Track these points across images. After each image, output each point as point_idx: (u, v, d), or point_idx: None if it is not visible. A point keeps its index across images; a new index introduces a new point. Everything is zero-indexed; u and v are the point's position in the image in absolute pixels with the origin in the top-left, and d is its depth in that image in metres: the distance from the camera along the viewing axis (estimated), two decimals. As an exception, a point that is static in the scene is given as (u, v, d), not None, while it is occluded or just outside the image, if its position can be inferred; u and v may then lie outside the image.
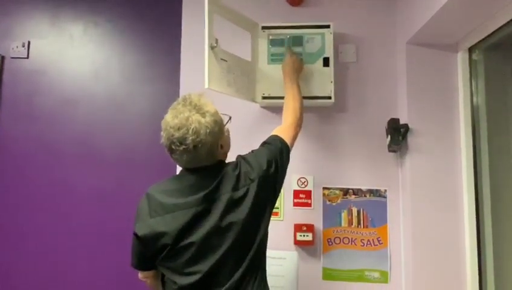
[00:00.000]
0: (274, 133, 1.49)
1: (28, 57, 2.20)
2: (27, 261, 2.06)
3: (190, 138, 1.21)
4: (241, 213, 1.25)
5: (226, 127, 1.39)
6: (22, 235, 2.08)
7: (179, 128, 1.22)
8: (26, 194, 2.11)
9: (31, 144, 2.14)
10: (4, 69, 2.20)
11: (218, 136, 1.29)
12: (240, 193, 1.27)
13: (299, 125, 1.57)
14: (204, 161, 1.28)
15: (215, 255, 1.23)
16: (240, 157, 1.38)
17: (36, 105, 2.17)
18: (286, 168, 1.43)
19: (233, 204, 1.25)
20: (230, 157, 1.41)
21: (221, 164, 1.34)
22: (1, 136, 2.15)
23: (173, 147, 1.24)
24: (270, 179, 1.33)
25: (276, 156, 1.38)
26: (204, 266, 1.22)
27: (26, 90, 2.18)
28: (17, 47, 2.20)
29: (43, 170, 2.12)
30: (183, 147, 1.22)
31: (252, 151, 1.42)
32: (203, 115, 1.24)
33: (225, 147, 1.39)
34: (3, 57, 2.20)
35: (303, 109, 1.62)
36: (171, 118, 1.25)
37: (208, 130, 1.23)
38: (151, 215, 1.26)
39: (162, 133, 1.27)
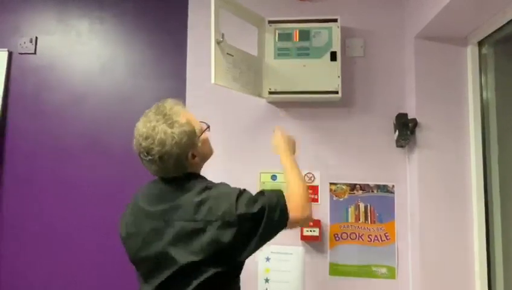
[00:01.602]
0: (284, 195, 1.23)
1: (35, 53, 2.22)
2: (35, 255, 2.08)
3: (156, 148, 1.17)
4: (184, 250, 1.14)
5: (205, 135, 1.32)
6: (28, 229, 2.10)
7: (146, 138, 1.19)
8: (34, 189, 2.12)
9: (38, 139, 2.15)
10: (12, 64, 2.21)
11: (186, 147, 1.22)
12: (194, 226, 1.14)
13: (305, 218, 1.24)
14: (172, 172, 1.23)
15: (157, 280, 1.18)
16: (212, 185, 1.25)
17: (43, 100, 2.18)
18: (272, 233, 1.20)
19: (182, 236, 1.15)
20: (235, 158, 1.39)
21: (190, 178, 1.25)
22: (9, 130, 2.17)
23: (141, 156, 1.22)
24: (237, 234, 1.13)
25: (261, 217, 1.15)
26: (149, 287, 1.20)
27: (33, 85, 2.19)
28: (24, 43, 2.21)
29: (50, 164, 2.13)
30: (149, 157, 1.19)
31: (239, 190, 1.21)
32: (171, 125, 1.19)
33: (199, 157, 1.29)
34: (11, 53, 2.21)
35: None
36: (141, 126, 1.22)
37: (173, 141, 1.18)
38: (127, 215, 1.30)
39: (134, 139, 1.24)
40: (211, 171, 1.96)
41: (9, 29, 2.24)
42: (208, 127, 1.36)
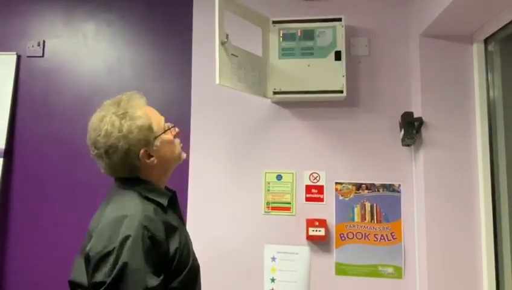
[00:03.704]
0: None
1: (43, 56, 2.25)
2: (44, 254, 2.10)
3: (101, 141, 1.08)
4: (76, 265, 1.08)
5: (168, 136, 1.20)
6: (37, 230, 2.12)
7: (94, 129, 1.10)
8: (43, 190, 2.15)
9: (47, 140, 2.18)
10: (20, 67, 2.24)
11: (137, 143, 1.09)
12: (85, 243, 1.06)
13: None
14: (121, 171, 1.12)
15: None
16: (121, 209, 1.06)
17: (51, 102, 2.21)
18: None
19: (81, 249, 1.08)
20: (240, 158, 1.38)
21: (131, 184, 1.13)
22: (18, 133, 2.20)
23: (91, 151, 1.13)
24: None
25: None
26: None
27: (41, 87, 2.22)
28: (32, 46, 2.24)
29: (58, 165, 2.15)
30: (96, 151, 1.10)
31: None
32: (121, 116, 1.09)
33: (157, 159, 1.14)
34: (19, 56, 2.24)
35: None
36: (94, 116, 1.14)
37: (120, 134, 1.07)
38: None
39: None
40: (216, 171, 1.99)
41: (17, 33, 2.27)
42: (173, 127, 1.23)
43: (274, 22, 1.91)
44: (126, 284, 0.93)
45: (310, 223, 1.86)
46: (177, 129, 1.25)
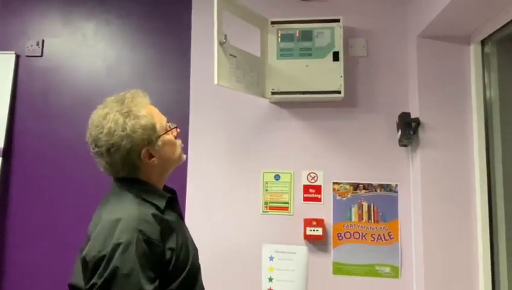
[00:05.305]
0: None
1: (42, 55, 2.25)
2: (42, 252, 2.10)
3: (103, 139, 1.06)
4: (75, 267, 1.08)
5: (170, 136, 1.18)
6: (35, 227, 2.12)
7: (96, 126, 1.08)
8: (41, 189, 2.15)
9: (45, 139, 2.18)
10: (19, 67, 2.24)
11: (140, 142, 1.08)
12: (83, 246, 1.06)
13: None
14: (121, 171, 1.10)
15: None
16: (120, 211, 1.05)
17: (50, 101, 2.21)
18: None
19: (80, 250, 1.07)
20: (239, 157, 1.37)
21: (130, 185, 1.11)
22: (17, 132, 2.20)
23: (91, 148, 1.11)
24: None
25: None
26: None
27: (40, 87, 2.22)
28: (31, 46, 2.24)
29: (57, 164, 2.15)
30: (97, 149, 1.08)
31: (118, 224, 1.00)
32: (126, 114, 1.08)
33: (158, 159, 1.13)
34: (18, 56, 2.24)
35: None
36: (95, 113, 1.12)
37: (124, 133, 1.06)
38: None
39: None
40: (214, 171, 2.00)
41: (16, 32, 2.27)
42: (175, 127, 1.22)
43: (272, 23, 1.92)
44: (117, 288, 0.93)
45: (308, 222, 1.87)
46: (178, 129, 1.25)
